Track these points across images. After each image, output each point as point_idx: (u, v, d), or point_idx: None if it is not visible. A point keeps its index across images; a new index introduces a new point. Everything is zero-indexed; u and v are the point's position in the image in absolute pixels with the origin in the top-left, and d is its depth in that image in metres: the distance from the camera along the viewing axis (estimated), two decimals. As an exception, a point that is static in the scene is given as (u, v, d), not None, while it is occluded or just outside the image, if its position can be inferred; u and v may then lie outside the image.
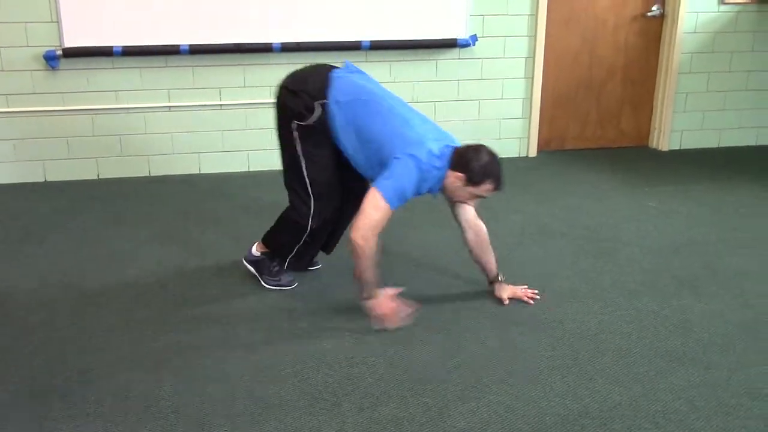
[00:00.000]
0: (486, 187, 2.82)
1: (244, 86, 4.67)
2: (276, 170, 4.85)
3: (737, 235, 3.90)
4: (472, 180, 2.80)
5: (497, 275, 3.13)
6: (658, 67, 5.31)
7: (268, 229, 3.23)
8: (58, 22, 4.32)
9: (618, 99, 5.32)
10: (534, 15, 4.87)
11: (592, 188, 4.56)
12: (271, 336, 2.85)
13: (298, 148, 2.94)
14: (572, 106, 5.26)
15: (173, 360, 2.67)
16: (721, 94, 5.39)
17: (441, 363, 2.68)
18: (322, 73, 2.95)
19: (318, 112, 2.87)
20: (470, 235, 3.06)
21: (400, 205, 2.77)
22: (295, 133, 2.92)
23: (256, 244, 3.28)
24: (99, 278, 3.31)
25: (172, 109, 4.62)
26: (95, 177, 4.66)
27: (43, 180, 4.61)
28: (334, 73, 2.93)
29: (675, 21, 5.13)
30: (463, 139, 5.01)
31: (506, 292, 3.12)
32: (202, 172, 4.77)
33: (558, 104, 5.22)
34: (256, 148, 4.79)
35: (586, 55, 5.17)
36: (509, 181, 4.54)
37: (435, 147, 2.80)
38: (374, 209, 2.73)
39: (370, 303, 2.86)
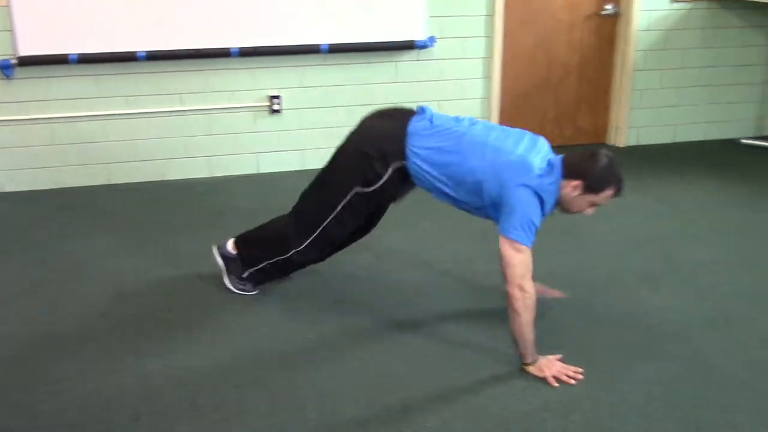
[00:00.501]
0: (607, 194, 2.61)
1: (206, 91, 4.65)
2: (240, 175, 4.89)
3: (696, 228, 3.99)
4: (592, 187, 2.59)
5: None
6: (614, 64, 5.40)
7: (248, 231, 3.14)
8: (11, 30, 4.27)
9: (575, 97, 5.41)
10: (491, 15, 4.93)
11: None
12: (235, 340, 2.86)
13: (340, 206, 2.85)
14: (530, 105, 5.33)
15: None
16: (674, 90, 5.50)
17: (404, 361, 2.71)
18: (400, 127, 2.75)
19: (388, 175, 2.75)
20: None
21: (534, 238, 2.58)
22: (349, 196, 2.82)
23: (231, 240, 3.17)
24: (61, 291, 3.28)
25: (132, 116, 4.60)
26: (55, 186, 4.61)
27: (2, 191, 4.55)
28: (412, 125, 2.75)
29: (629, 19, 5.22)
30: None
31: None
32: (166, 179, 4.74)
33: (516, 103, 5.29)
34: (220, 153, 4.78)
35: (543, 54, 5.25)
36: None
37: (538, 162, 2.61)
38: (515, 254, 2.54)
39: (533, 368, 2.62)
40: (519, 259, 2.54)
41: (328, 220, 2.88)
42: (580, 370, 2.63)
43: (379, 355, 2.76)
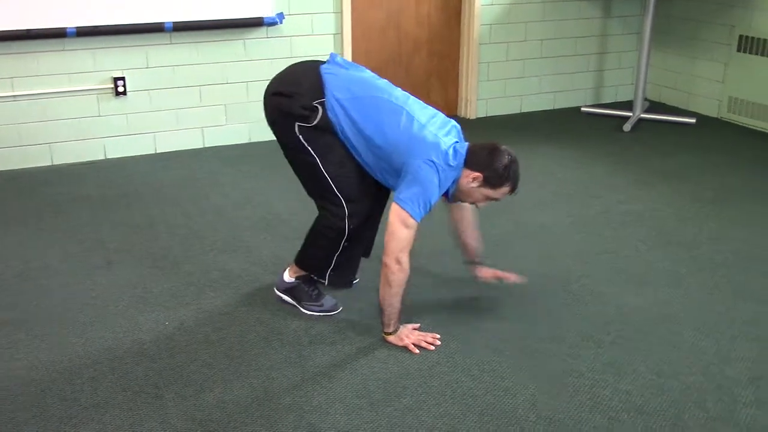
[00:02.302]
0: (503, 190, 2.64)
1: (40, 75, 4.38)
2: (86, 162, 4.66)
3: (540, 192, 4.17)
4: (491, 182, 2.60)
5: (480, 257, 3.03)
6: (461, 39, 5.54)
7: (300, 249, 2.90)
8: None
9: (425, 72, 5.51)
10: (339, -9, 4.93)
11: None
12: (85, 333, 2.74)
13: (310, 149, 2.65)
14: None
15: (-23, 371, 2.50)
16: (519, 62, 5.71)
17: (265, 342, 2.69)
18: (313, 69, 2.67)
19: (319, 112, 2.60)
20: (455, 213, 2.94)
21: (425, 216, 2.57)
22: (300, 137, 2.64)
23: (287, 268, 2.94)
24: None
25: (-41, 103, 4.27)
26: None
27: None
28: (326, 69, 2.66)
29: (473, -6, 5.37)
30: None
31: (488, 273, 3.01)
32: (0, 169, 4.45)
33: (369, 79, 5.33)
34: (62, 140, 4.53)
35: (393, 29, 5.30)
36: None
37: (448, 144, 2.58)
38: (403, 227, 2.52)
39: (393, 338, 2.68)
40: (405, 233, 2.53)
41: (321, 167, 2.67)
42: (437, 335, 2.70)
43: (236, 337, 2.73)
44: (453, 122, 2.70)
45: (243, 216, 3.79)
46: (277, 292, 2.96)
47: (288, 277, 2.92)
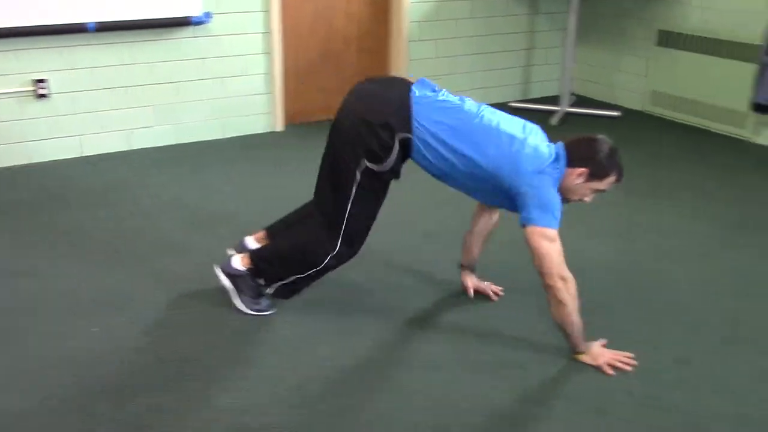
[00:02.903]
0: (610, 180, 2.57)
1: (-44, 78, 4.24)
2: (9, 167, 4.51)
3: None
4: (597, 174, 2.55)
5: (474, 265, 3.03)
6: (390, 36, 5.56)
7: (266, 246, 2.87)
8: None
9: (356, 69, 5.51)
10: (267, -11, 4.90)
11: (340, 157, 4.70)
12: (9, 340, 2.66)
13: (354, 188, 2.58)
14: (314, 78, 5.37)
15: None
16: (449, 59, 5.77)
17: (200, 345, 2.66)
18: (403, 96, 2.54)
19: (393, 152, 2.52)
20: (485, 217, 2.92)
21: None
22: (358, 172, 2.55)
23: (240, 256, 2.83)
24: None
25: None
26: None
27: None
28: (414, 94, 2.55)
29: (402, -9, 5.40)
30: (211, 119, 4.96)
31: (472, 281, 3.02)
32: None
33: (300, 77, 5.30)
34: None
35: (322, 27, 5.29)
36: (257, 158, 4.61)
37: (548, 150, 2.55)
38: (549, 243, 2.44)
39: (587, 357, 2.57)
40: (554, 248, 2.45)
41: (349, 208, 2.61)
42: (631, 355, 2.60)
43: (170, 341, 2.69)
44: (537, 126, 2.66)
45: (174, 218, 3.73)
46: (219, 272, 2.84)
47: (239, 264, 2.80)
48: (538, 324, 2.78)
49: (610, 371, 2.52)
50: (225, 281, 2.82)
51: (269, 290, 2.84)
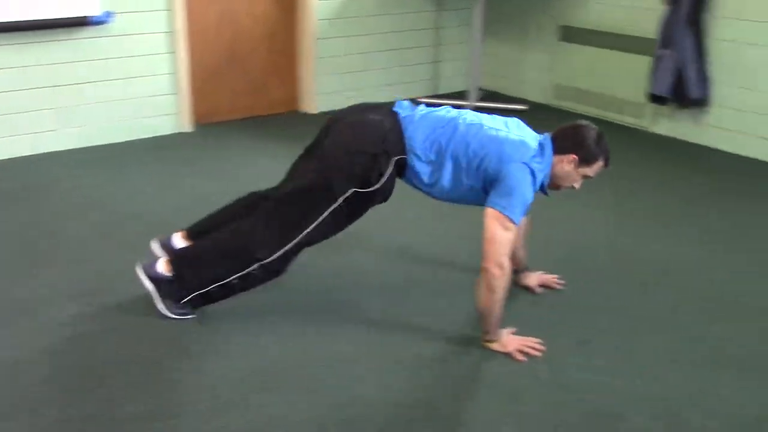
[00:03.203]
0: (599, 165, 2.67)
1: None
2: None
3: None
4: (586, 160, 2.64)
5: (526, 265, 3.06)
6: (298, 34, 5.55)
7: (190, 249, 2.78)
8: None
9: (264, 68, 5.48)
10: (170, -12, 4.81)
11: (249, 156, 4.67)
12: None
13: (327, 212, 2.60)
14: (221, 78, 5.31)
15: None
16: (358, 56, 5.79)
17: (107, 355, 2.60)
18: (393, 121, 2.62)
19: (387, 173, 2.59)
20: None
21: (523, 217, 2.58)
22: (342, 197, 2.59)
23: (164, 260, 2.75)
24: None
25: None
26: None
27: None
28: (404, 118, 2.64)
29: (308, -11, 5.39)
30: (118, 121, 4.84)
31: (534, 280, 3.05)
32: None
33: (208, 77, 5.23)
34: None
35: (228, 26, 5.23)
36: (165, 159, 4.53)
37: (533, 141, 2.63)
38: (503, 230, 2.49)
39: (497, 345, 2.62)
40: (506, 237, 2.50)
41: (311, 227, 2.61)
42: (538, 340, 2.66)
43: (79, 351, 2.62)
44: (517, 119, 2.73)
45: (83, 222, 3.63)
46: (140, 274, 2.75)
47: (164, 269, 2.72)
48: (458, 317, 2.84)
49: (521, 357, 2.59)
50: (147, 284, 2.74)
51: (183, 300, 2.73)
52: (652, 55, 5.06)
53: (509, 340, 2.64)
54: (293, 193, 2.67)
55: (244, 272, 2.65)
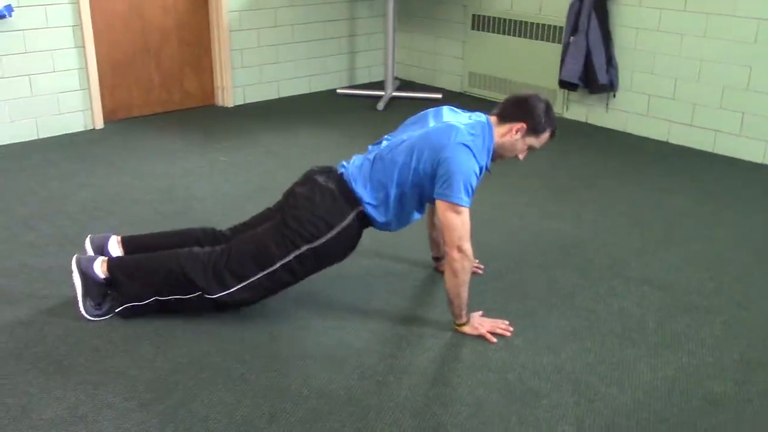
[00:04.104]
0: (545, 136, 2.68)
1: None
2: None
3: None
4: (535, 129, 2.64)
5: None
6: (210, 26, 5.45)
7: (134, 260, 2.70)
8: None
9: (177, 61, 5.36)
10: (74, -20, 4.65)
11: (164, 152, 4.57)
12: None
13: (281, 261, 2.61)
14: (133, 72, 5.17)
15: None
16: (272, 47, 5.74)
17: (17, 357, 2.51)
18: (340, 182, 2.68)
19: (341, 225, 2.63)
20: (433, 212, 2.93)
21: (470, 198, 2.56)
22: (295, 254, 2.62)
23: (102, 260, 2.67)
24: None
25: None
26: None
27: None
28: (347, 173, 2.69)
29: (218, -19, 5.30)
30: (22, 119, 4.66)
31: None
32: None
33: (118, 72, 5.09)
34: None
35: (137, 19, 5.10)
36: (76, 157, 4.39)
37: (464, 121, 2.64)
38: (454, 215, 2.52)
39: (468, 328, 2.67)
40: (460, 221, 2.53)
41: (256, 277, 2.62)
42: (506, 321, 2.72)
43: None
44: (448, 107, 2.81)
45: (-15, 227, 3.49)
46: (74, 266, 2.67)
47: (100, 270, 2.66)
48: (411, 302, 2.86)
49: (493, 339, 2.64)
50: (76, 278, 2.67)
51: (117, 309, 2.69)
52: (562, 43, 5.19)
53: (481, 322, 2.69)
54: (250, 240, 2.67)
55: (185, 297, 2.64)
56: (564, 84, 5.18)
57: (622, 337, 2.71)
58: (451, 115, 2.75)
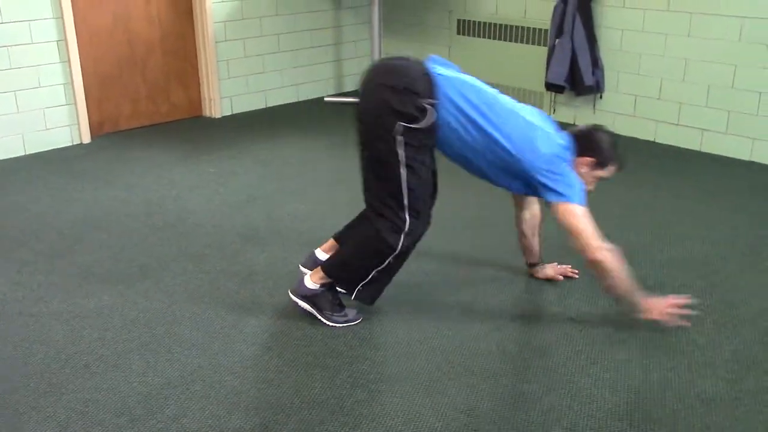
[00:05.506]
0: (612, 168, 2.74)
1: None
2: None
3: (292, 184, 4.24)
4: (602, 163, 2.71)
5: (541, 258, 3.10)
6: (196, 37, 5.44)
7: (335, 255, 2.78)
8: None
9: (164, 73, 5.35)
10: (57, -5, 4.64)
11: (152, 164, 4.56)
12: None
13: (401, 154, 2.51)
14: (119, 85, 5.15)
15: None
16: (259, 57, 5.73)
17: (12, 369, 2.50)
18: (421, 67, 2.58)
19: (427, 114, 2.50)
20: (526, 215, 2.99)
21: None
22: (400, 138, 2.49)
23: (309, 274, 2.76)
24: None
25: None
26: None
27: None
28: (434, 69, 2.59)
29: (203, -8, 5.30)
30: (8, 135, 4.64)
31: (551, 270, 3.11)
32: None
33: (104, 85, 5.07)
34: None
35: (122, 32, 5.09)
36: (64, 172, 4.38)
37: (559, 138, 2.68)
38: (579, 217, 2.57)
39: (646, 313, 2.66)
40: (584, 221, 2.57)
41: (404, 177, 2.53)
42: (680, 298, 2.70)
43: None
44: (543, 112, 2.81)
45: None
46: (294, 298, 2.78)
47: (311, 283, 2.74)
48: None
49: (673, 320, 2.65)
50: (303, 305, 2.77)
51: (352, 297, 2.75)
52: (547, 45, 5.21)
53: (655, 304, 2.67)
54: (366, 174, 2.66)
55: (397, 251, 2.62)
56: (550, 86, 5.19)
57: (613, 339, 2.72)
58: (550, 125, 2.75)
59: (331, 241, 2.95)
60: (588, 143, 2.72)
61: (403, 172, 2.53)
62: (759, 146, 4.55)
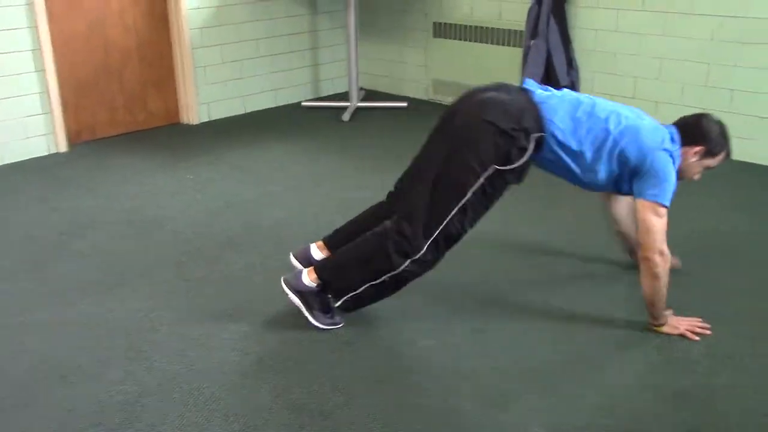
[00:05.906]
0: (722, 157, 2.72)
1: None
2: None
3: (270, 190, 4.23)
4: (712, 151, 2.69)
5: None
6: (172, 44, 5.43)
7: (332, 257, 2.76)
8: None
9: (140, 80, 5.33)
10: (30, 4, 4.59)
11: (131, 172, 4.53)
12: None
13: (468, 194, 2.53)
14: (95, 93, 5.13)
15: None
16: (236, 63, 5.72)
17: (-15, 389, 2.48)
18: (527, 99, 2.61)
19: (530, 150, 2.54)
20: (618, 208, 3.03)
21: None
22: (484, 176, 2.52)
23: (307, 270, 2.71)
24: None
25: None
26: None
27: None
28: (539, 97, 2.63)
29: (178, -2, 5.28)
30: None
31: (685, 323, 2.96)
32: None
33: (80, 94, 5.04)
34: None
35: (98, 40, 5.06)
36: (43, 181, 4.35)
37: (662, 130, 2.67)
38: (657, 218, 2.57)
39: (668, 328, 2.69)
40: (661, 224, 2.57)
41: (455, 211, 2.54)
42: (700, 318, 2.74)
43: None
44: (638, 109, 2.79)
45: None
46: (286, 289, 2.73)
47: (309, 280, 2.70)
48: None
49: (695, 337, 2.67)
50: (293, 298, 2.73)
51: (337, 303, 2.73)
52: (522, 47, 5.24)
53: (678, 322, 2.71)
54: (416, 183, 2.64)
55: (396, 271, 2.60)
56: (527, 87, 5.22)
57: (591, 337, 2.74)
58: (651, 119, 2.76)
59: (322, 241, 2.95)
60: (696, 132, 2.72)
61: (459, 206, 2.55)
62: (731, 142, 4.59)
